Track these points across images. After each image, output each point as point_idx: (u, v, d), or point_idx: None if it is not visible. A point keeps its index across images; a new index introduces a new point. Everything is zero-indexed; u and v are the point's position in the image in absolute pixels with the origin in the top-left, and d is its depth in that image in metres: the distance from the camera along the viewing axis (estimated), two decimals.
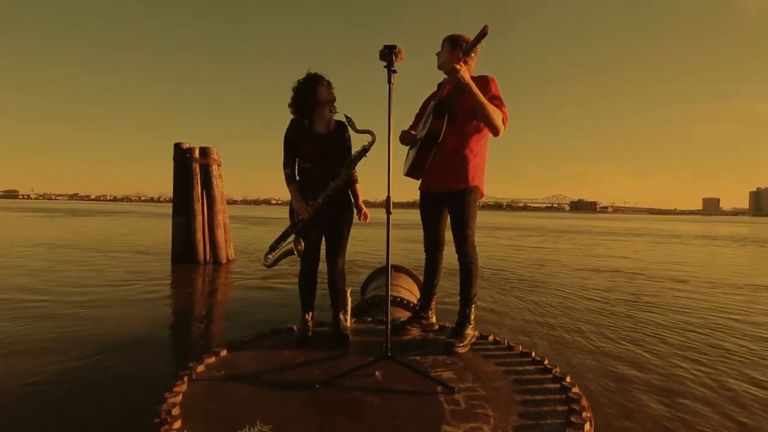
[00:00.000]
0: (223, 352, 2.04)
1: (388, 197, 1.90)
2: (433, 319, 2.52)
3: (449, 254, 2.44)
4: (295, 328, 2.44)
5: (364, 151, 2.25)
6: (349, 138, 2.42)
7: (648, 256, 12.62)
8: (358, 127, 2.24)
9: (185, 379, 1.71)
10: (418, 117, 2.51)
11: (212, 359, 1.95)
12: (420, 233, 2.50)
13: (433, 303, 2.52)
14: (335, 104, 2.41)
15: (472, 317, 2.31)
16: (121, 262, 8.74)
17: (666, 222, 59.92)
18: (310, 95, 2.31)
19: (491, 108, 2.09)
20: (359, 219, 2.48)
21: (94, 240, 13.11)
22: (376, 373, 1.82)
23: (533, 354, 2.04)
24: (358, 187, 2.46)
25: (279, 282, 6.57)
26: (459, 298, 2.34)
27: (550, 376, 1.83)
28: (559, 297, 6.10)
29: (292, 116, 2.37)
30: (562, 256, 11.85)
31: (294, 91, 2.34)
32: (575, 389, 1.67)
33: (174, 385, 1.64)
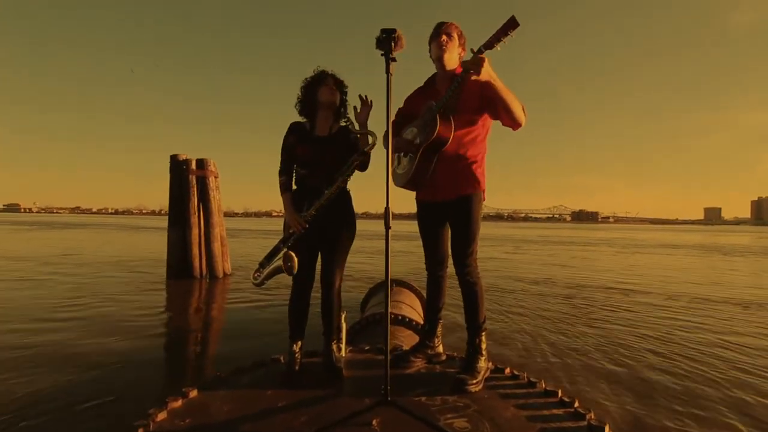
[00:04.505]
0: (193, 393, 1.72)
1: (387, 208, 1.60)
2: (440, 348, 2.21)
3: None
4: (281, 359, 2.13)
5: (364, 154, 2.02)
6: (357, 142, 2.13)
7: (589, 264, 12.78)
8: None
9: None
10: (405, 117, 2.18)
11: (178, 403, 1.63)
12: (418, 244, 2.21)
13: (439, 329, 2.21)
14: (346, 108, 2.18)
15: (484, 347, 2.01)
16: (101, 277, 8.39)
17: (662, 232, 59.22)
18: (311, 95, 2.12)
19: (513, 98, 1.85)
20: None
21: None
22: (374, 421, 1.50)
23: (560, 393, 1.72)
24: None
25: (278, 297, 6.16)
26: (466, 326, 2.05)
27: (585, 423, 1.51)
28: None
29: (296, 119, 2.19)
30: (509, 265, 11.87)
31: (300, 89, 2.17)
32: None
33: None
